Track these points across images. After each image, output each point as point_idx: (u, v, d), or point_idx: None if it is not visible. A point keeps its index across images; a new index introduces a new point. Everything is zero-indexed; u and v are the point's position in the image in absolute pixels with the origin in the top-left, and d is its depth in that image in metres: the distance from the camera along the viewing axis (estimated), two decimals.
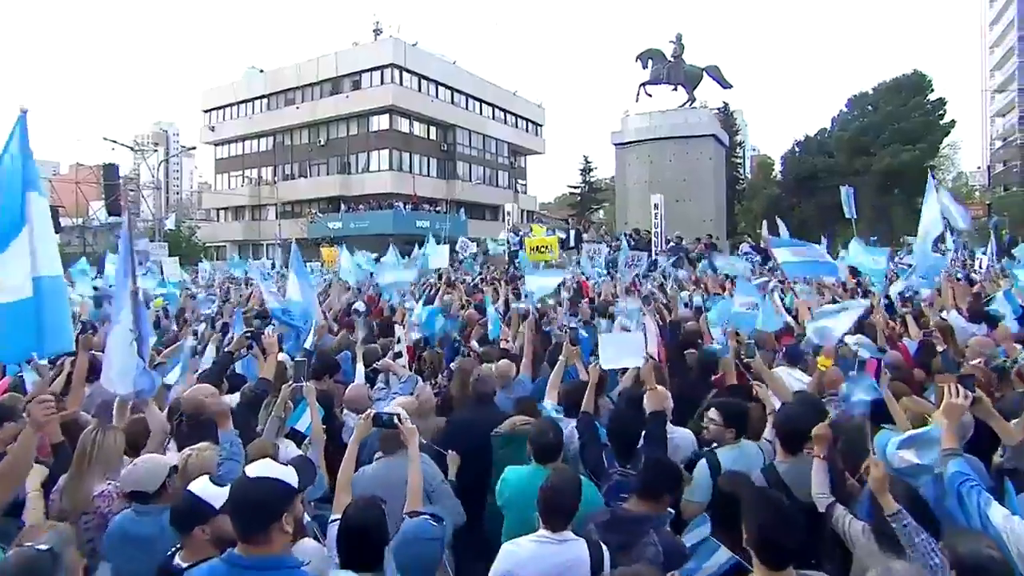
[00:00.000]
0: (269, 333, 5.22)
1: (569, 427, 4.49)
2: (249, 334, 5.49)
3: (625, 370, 5.19)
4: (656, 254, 16.27)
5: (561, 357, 5.17)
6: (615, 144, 28.07)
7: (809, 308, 7.22)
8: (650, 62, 27.42)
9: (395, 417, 3.35)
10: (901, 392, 4.22)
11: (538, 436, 3.78)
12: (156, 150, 49.14)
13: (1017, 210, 41.52)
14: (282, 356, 5.98)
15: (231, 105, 51.64)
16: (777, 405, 4.28)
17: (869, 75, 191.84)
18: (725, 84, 27.17)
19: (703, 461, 3.99)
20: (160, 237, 27.46)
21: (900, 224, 47.55)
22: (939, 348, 5.68)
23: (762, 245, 20.85)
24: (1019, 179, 54.18)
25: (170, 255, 20.83)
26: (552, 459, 3.69)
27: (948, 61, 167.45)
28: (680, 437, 4.46)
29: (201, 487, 2.45)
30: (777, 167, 55.83)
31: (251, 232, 51.07)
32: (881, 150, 43.41)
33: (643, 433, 4.01)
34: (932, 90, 44.17)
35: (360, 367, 5.96)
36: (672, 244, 18.81)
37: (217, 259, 48.77)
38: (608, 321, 7.23)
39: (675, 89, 27.74)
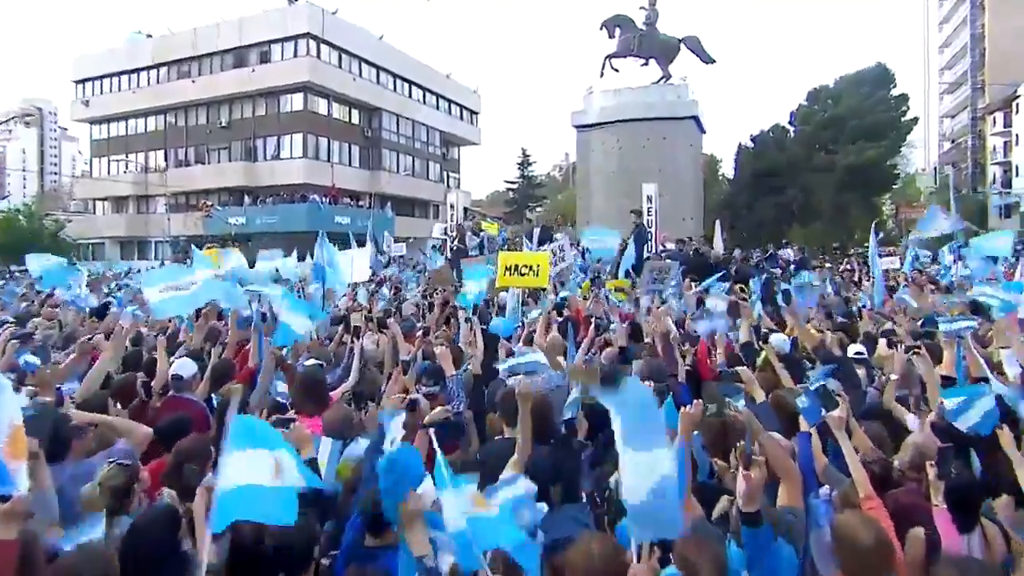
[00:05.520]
0: None
1: None
2: None
3: None
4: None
5: None
6: (576, 126, 24.77)
7: None
8: (618, 31, 24.09)
9: None
10: None
11: None
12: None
13: (966, 215, 41.06)
14: None
15: (110, 76, 45.99)
16: None
17: (809, 75, 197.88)
18: (707, 59, 24.04)
19: None
20: None
21: (857, 222, 46.67)
22: None
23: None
24: (969, 183, 54.45)
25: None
26: None
27: (890, 60, 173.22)
28: None
29: None
30: (727, 165, 54.13)
31: (136, 227, 45.91)
32: (843, 146, 41.95)
33: None
34: (895, 84, 43.15)
35: None
36: (669, 250, 15.12)
37: (93, 258, 42.90)
38: None
39: (645, 63, 24.57)
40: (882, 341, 5.78)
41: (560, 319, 7.66)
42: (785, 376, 4.58)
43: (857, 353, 5.69)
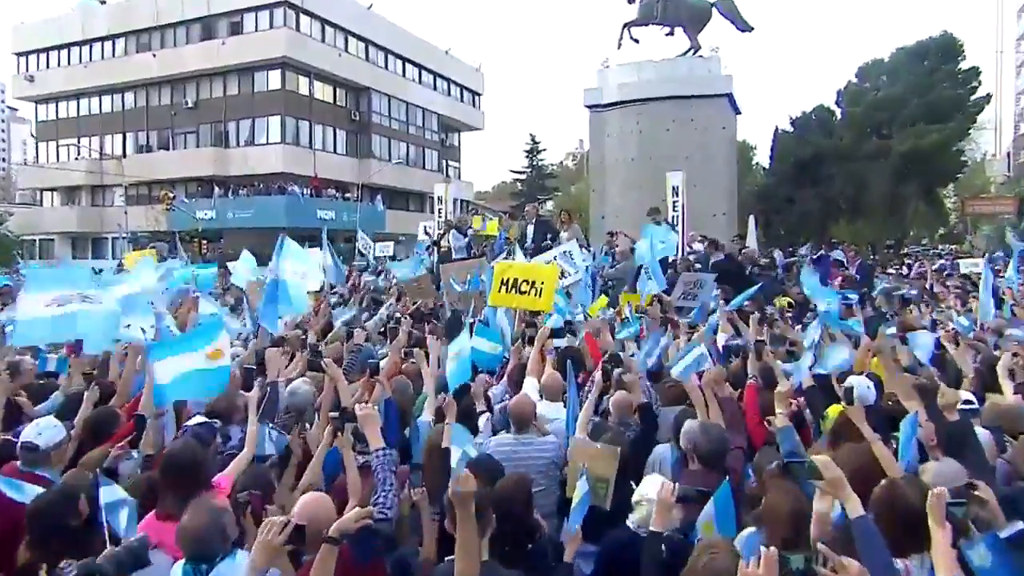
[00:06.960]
0: None
1: None
2: None
3: None
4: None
5: None
6: (589, 106, 23.96)
7: None
8: None
9: None
10: None
11: None
12: None
13: None
14: None
15: (58, 48, 46.48)
16: None
17: (860, 48, 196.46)
18: (743, 26, 23.15)
19: None
20: None
21: (914, 218, 45.56)
22: None
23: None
24: None
25: None
26: None
27: (957, 29, 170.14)
28: None
29: None
30: (762, 153, 53.25)
31: (89, 222, 46.28)
32: (901, 129, 40.98)
33: None
34: (964, 57, 42.00)
35: None
36: (696, 251, 14.08)
37: (41, 257, 42.81)
38: None
39: (671, 32, 23.75)
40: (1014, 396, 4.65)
41: (556, 347, 6.56)
42: (885, 455, 3.44)
43: (965, 403, 4.60)
